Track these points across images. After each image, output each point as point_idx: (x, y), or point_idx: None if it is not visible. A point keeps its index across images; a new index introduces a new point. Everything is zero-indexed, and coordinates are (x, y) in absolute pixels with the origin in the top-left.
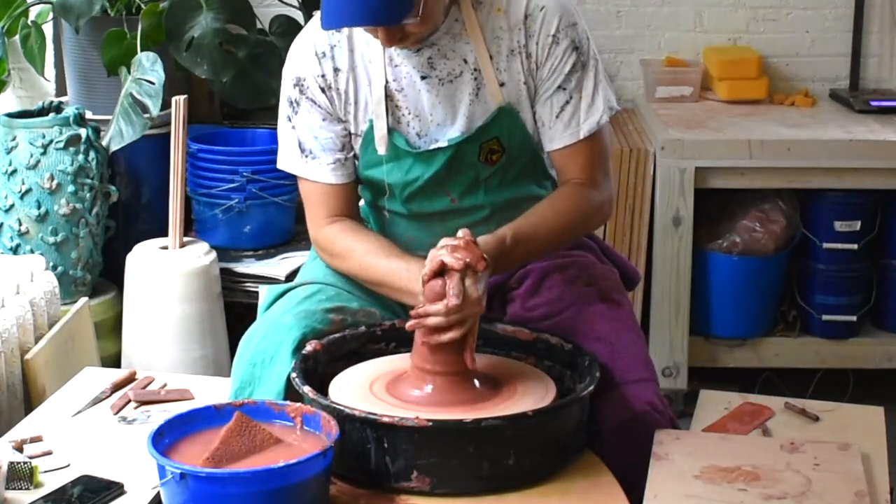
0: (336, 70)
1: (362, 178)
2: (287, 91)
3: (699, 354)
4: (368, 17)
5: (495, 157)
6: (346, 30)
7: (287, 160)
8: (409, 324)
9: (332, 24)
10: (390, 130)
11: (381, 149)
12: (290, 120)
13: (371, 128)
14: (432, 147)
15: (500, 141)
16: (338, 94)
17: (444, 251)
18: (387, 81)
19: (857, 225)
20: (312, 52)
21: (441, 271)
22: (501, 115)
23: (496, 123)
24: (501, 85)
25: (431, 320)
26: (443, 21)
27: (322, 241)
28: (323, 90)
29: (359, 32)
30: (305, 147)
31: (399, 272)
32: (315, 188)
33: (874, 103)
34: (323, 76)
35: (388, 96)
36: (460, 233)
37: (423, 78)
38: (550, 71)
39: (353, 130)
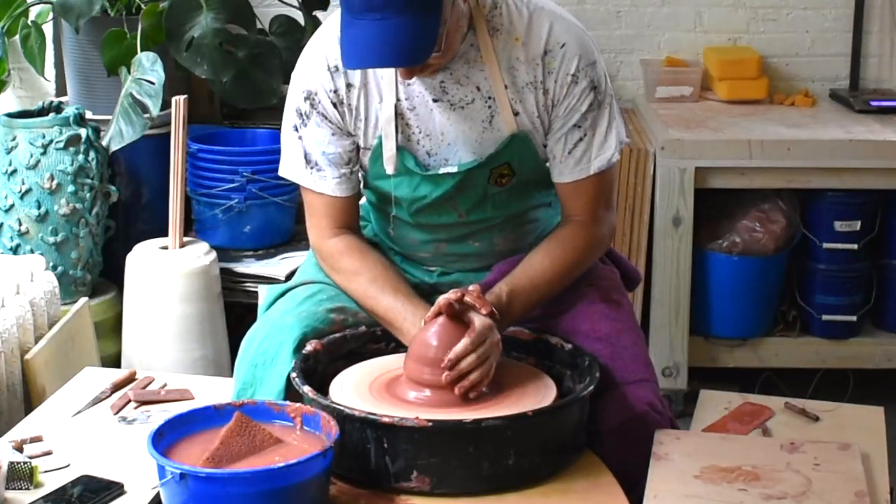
0: (349, 86)
1: (370, 187)
2: (296, 101)
3: (699, 354)
4: (395, 58)
5: (505, 180)
6: None
7: (291, 169)
8: (446, 378)
9: (356, 64)
10: (399, 149)
11: (390, 168)
12: (297, 130)
13: (380, 144)
14: (441, 171)
15: (511, 166)
16: (349, 110)
17: (450, 293)
18: (398, 100)
19: (857, 225)
20: (325, 66)
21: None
22: (514, 141)
23: (508, 150)
24: (516, 114)
25: (465, 363)
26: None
27: (325, 253)
28: (335, 105)
29: None
30: (312, 159)
31: (405, 314)
32: (319, 199)
33: (874, 103)
34: (335, 91)
35: (399, 114)
36: (471, 287)
37: (434, 100)
38: (567, 109)
39: (362, 144)
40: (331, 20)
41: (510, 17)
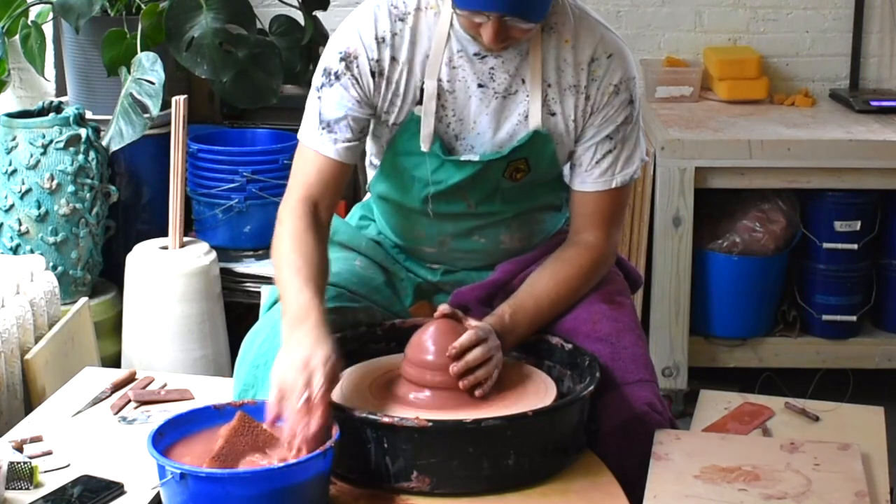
0: (393, 59)
1: (385, 168)
2: (328, 61)
3: (699, 354)
4: (517, 6)
5: (519, 175)
6: (410, 20)
7: (303, 131)
8: (453, 370)
9: (472, 3)
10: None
11: (425, 146)
12: (319, 90)
13: (411, 120)
14: (463, 158)
15: (528, 162)
16: (386, 83)
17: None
18: (439, 80)
19: (857, 225)
20: (373, 34)
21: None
22: (536, 138)
23: (528, 146)
24: (552, 115)
25: (471, 355)
26: None
27: (280, 215)
28: (373, 74)
29: (425, 24)
30: (325, 119)
31: (296, 295)
32: (310, 160)
33: (874, 103)
34: (378, 61)
35: (437, 94)
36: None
37: (479, 86)
38: (604, 119)
39: (391, 120)
40: None
41: (563, 18)
